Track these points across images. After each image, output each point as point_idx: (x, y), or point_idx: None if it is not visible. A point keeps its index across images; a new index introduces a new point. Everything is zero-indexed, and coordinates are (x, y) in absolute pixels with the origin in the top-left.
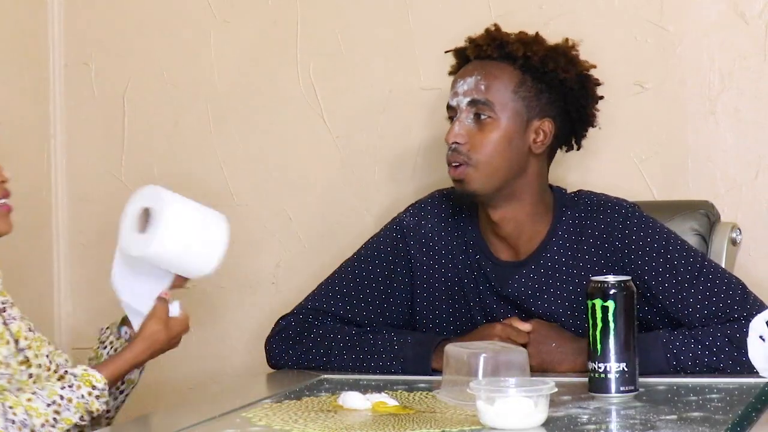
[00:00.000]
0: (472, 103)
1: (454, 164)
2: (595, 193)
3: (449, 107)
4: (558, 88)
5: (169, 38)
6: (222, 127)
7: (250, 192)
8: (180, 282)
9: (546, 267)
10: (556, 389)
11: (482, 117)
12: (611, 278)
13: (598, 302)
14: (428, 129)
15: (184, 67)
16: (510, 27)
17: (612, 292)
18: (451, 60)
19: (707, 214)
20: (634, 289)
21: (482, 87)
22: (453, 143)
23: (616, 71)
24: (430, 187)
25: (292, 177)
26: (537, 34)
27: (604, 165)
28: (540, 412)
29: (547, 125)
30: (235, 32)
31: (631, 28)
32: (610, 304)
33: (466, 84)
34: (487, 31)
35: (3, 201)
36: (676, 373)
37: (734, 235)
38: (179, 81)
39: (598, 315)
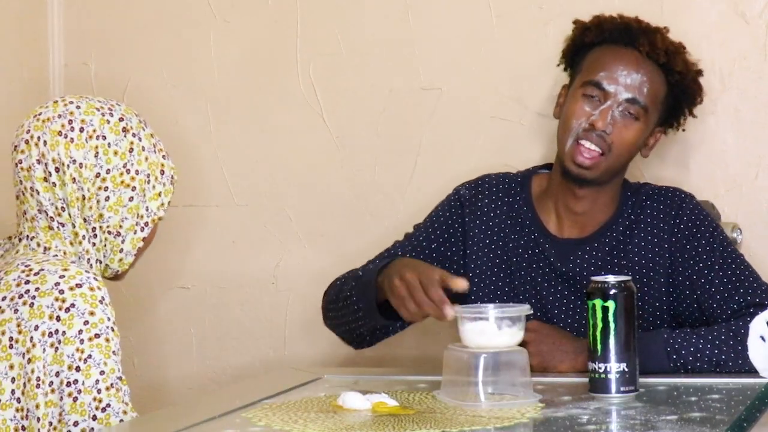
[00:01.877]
0: (632, 101)
1: (592, 148)
2: (657, 185)
3: (595, 84)
4: (688, 108)
5: (169, 38)
6: (222, 127)
7: (250, 192)
8: None
9: (609, 245)
10: (528, 313)
11: (632, 116)
12: (611, 278)
13: (598, 302)
14: (428, 129)
15: (184, 67)
16: (510, 27)
17: (612, 292)
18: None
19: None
20: (634, 289)
21: (645, 90)
22: (602, 131)
23: None
24: (430, 187)
25: (292, 177)
26: (683, 48)
27: None
28: (504, 335)
29: (660, 134)
30: (235, 32)
31: None
32: (611, 304)
33: (630, 78)
34: (655, 30)
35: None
36: (676, 370)
37: (735, 235)
38: (179, 81)
39: (599, 315)
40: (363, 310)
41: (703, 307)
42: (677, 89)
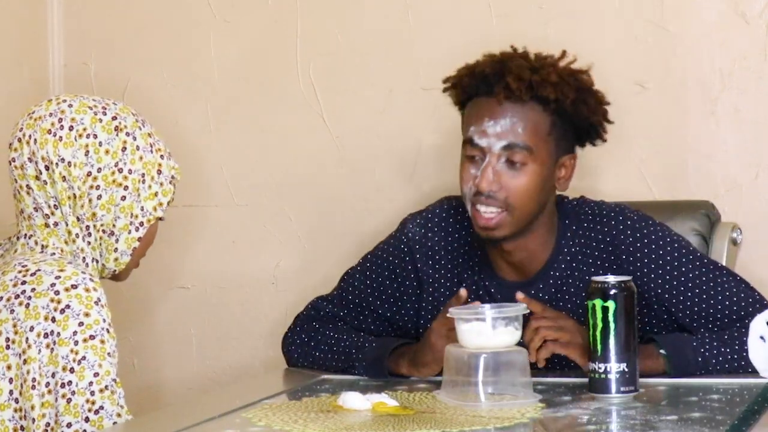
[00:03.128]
0: (509, 147)
1: (487, 212)
2: (596, 202)
3: (471, 143)
4: (585, 126)
5: (169, 38)
6: (222, 127)
7: (250, 192)
8: None
9: (555, 284)
10: (525, 312)
11: (517, 163)
12: (611, 278)
13: (598, 302)
14: (428, 129)
15: (184, 67)
16: (510, 27)
17: (612, 292)
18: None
19: (707, 214)
20: (635, 289)
21: (519, 130)
22: (488, 192)
23: (616, 71)
24: (430, 187)
25: (292, 177)
26: (560, 67)
27: (605, 165)
28: (501, 334)
29: (572, 160)
30: (235, 32)
31: (631, 28)
32: (611, 304)
33: (499, 126)
34: (514, 69)
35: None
36: (704, 374)
37: (735, 235)
38: (179, 81)
39: (598, 315)
40: (365, 368)
41: (685, 322)
42: (563, 114)
